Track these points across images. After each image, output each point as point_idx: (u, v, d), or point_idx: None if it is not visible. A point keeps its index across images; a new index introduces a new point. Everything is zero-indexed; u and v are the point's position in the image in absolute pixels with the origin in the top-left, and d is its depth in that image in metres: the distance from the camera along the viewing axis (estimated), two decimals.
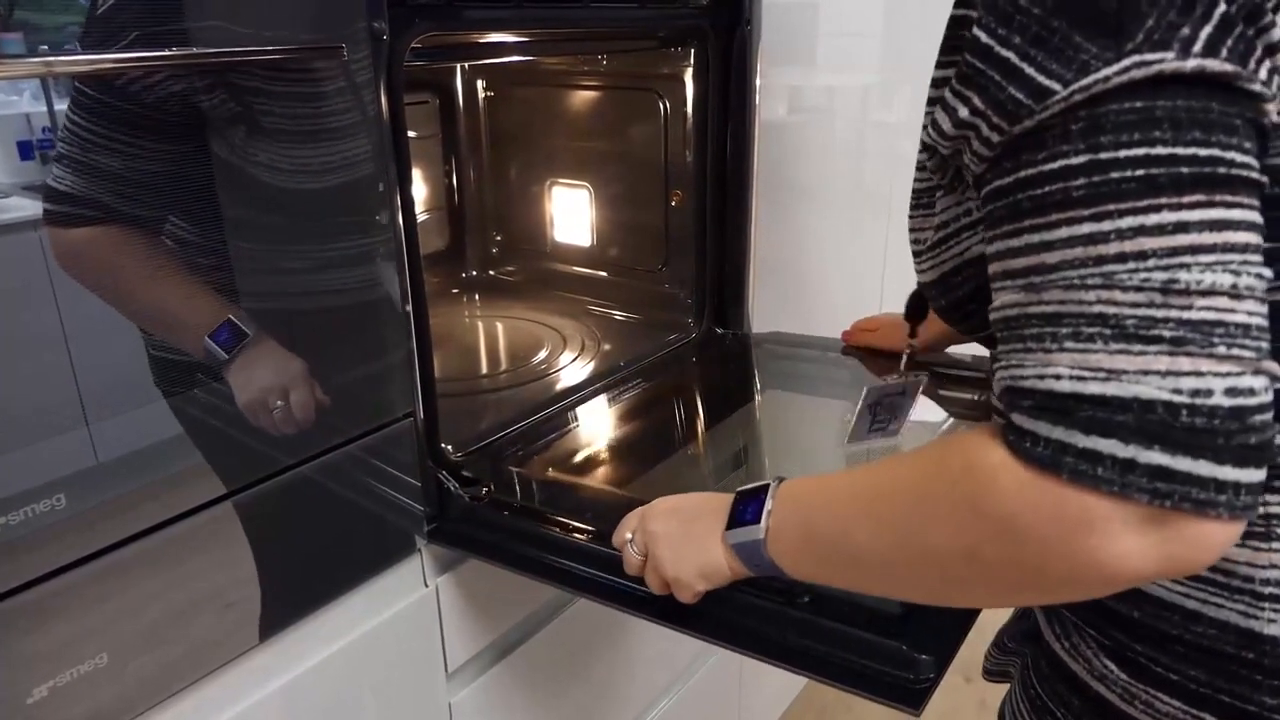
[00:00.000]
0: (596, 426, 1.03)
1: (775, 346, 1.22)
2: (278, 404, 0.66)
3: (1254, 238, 0.41)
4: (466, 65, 1.38)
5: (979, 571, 0.46)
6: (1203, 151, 0.40)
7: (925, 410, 0.99)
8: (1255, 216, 0.41)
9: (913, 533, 0.48)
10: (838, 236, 1.56)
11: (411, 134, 1.34)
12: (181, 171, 0.58)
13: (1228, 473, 0.39)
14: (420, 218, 1.42)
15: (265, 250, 0.64)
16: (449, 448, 0.85)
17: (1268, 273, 0.41)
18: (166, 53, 0.54)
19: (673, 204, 1.24)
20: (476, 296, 1.45)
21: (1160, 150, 0.40)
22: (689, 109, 1.16)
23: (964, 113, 0.46)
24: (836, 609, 0.65)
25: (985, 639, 0.74)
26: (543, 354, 1.19)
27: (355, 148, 0.68)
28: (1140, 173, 0.40)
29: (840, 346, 1.16)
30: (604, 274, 1.39)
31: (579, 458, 0.96)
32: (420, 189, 1.41)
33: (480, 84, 1.41)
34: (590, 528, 0.77)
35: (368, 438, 0.74)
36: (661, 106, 1.20)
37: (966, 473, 0.45)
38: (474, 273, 1.51)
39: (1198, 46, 0.39)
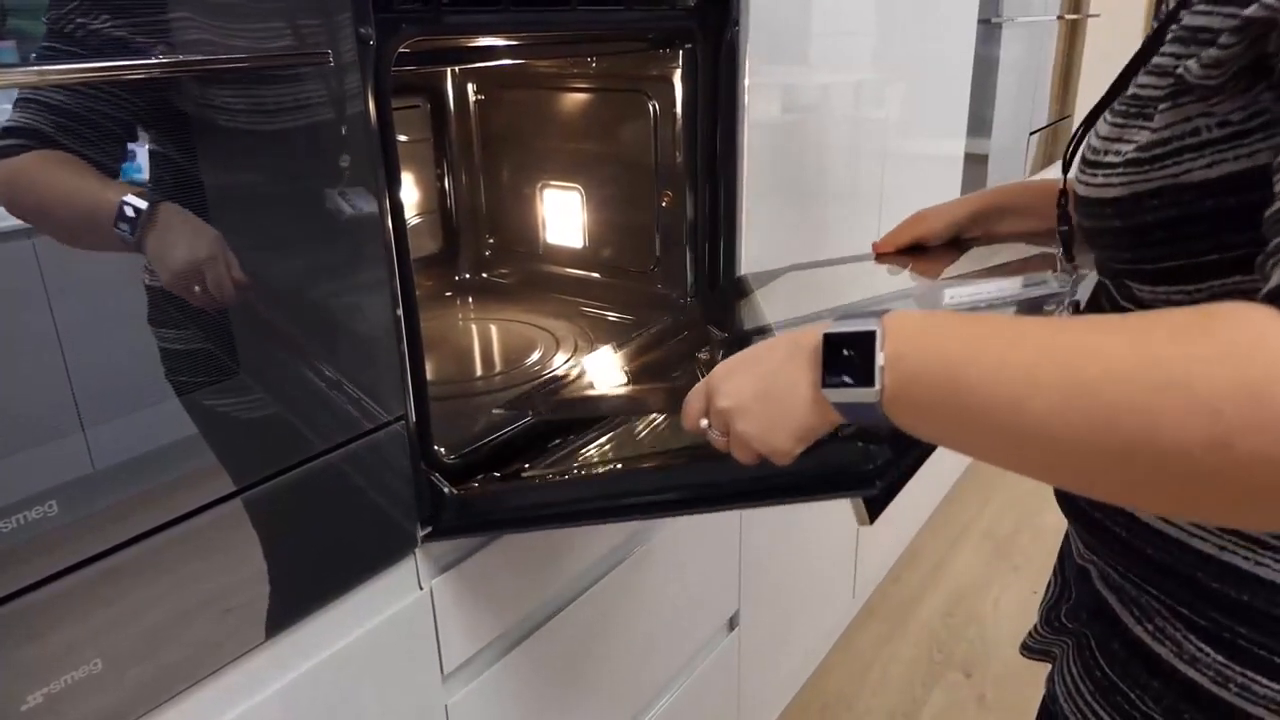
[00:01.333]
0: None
1: (797, 273, 1.15)
2: (195, 287, 0.61)
3: None
4: (457, 69, 1.38)
5: (1210, 467, 0.38)
6: None
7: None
8: None
9: (1138, 412, 0.39)
10: (830, 234, 1.56)
11: (403, 138, 1.35)
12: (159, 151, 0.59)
13: None
14: (413, 221, 1.42)
15: (252, 253, 0.65)
16: (442, 450, 0.86)
17: None
18: (152, 61, 0.55)
19: (663, 204, 1.24)
20: (470, 299, 1.46)
21: None
22: (678, 110, 1.16)
23: None
24: None
25: (986, 639, 0.74)
26: (536, 355, 1.20)
27: (343, 149, 0.68)
28: None
29: (871, 257, 1.05)
30: (596, 275, 1.39)
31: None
32: (412, 193, 1.42)
33: (471, 87, 1.41)
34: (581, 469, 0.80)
35: (359, 441, 0.74)
36: (651, 108, 1.20)
37: (1258, 350, 0.37)
38: (467, 275, 1.51)
39: None
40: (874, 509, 0.64)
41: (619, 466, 0.85)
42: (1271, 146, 0.44)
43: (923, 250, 1.00)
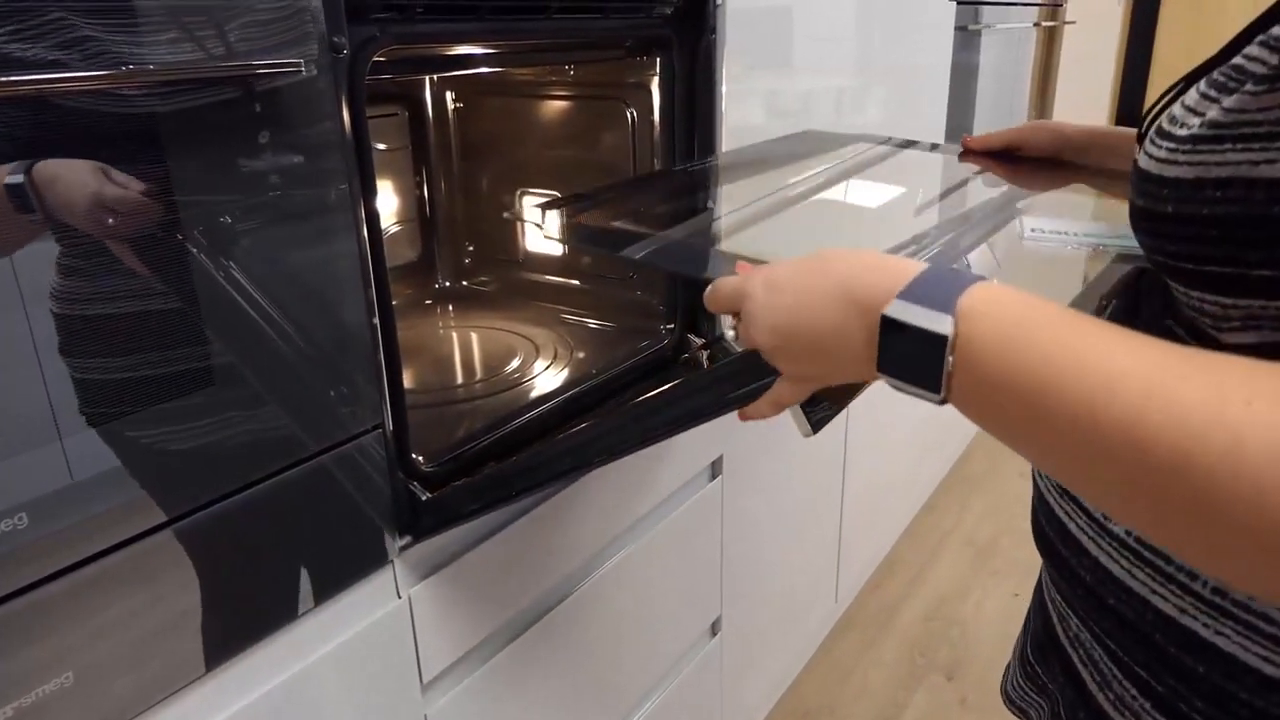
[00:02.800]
0: None
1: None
2: (108, 220, 0.57)
3: None
4: (435, 77, 1.38)
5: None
6: None
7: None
8: None
9: (1234, 504, 0.33)
10: (811, 238, 1.56)
11: (381, 146, 1.35)
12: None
13: None
14: (392, 230, 1.42)
15: (224, 264, 0.64)
16: (420, 458, 0.86)
17: None
18: (118, 70, 0.54)
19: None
20: (450, 307, 1.46)
21: None
22: (656, 117, 1.16)
23: None
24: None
25: (968, 641, 0.73)
26: (515, 362, 1.20)
27: (317, 158, 0.68)
28: None
29: (957, 151, 0.97)
30: (576, 282, 1.39)
31: None
32: (391, 201, 1.41)
33: (449, 95, 1.41)
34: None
35: (335, 450, 0.74)
36: (629, 115, 1.20)
37: None
38: (447, 283, 1.51)
39: None
40: (816, 419, 0.61)
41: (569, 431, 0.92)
42: None
43: (1012, 162, 0.93)
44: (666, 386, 1.05)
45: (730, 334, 0.55)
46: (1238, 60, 0.45)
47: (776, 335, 0.51)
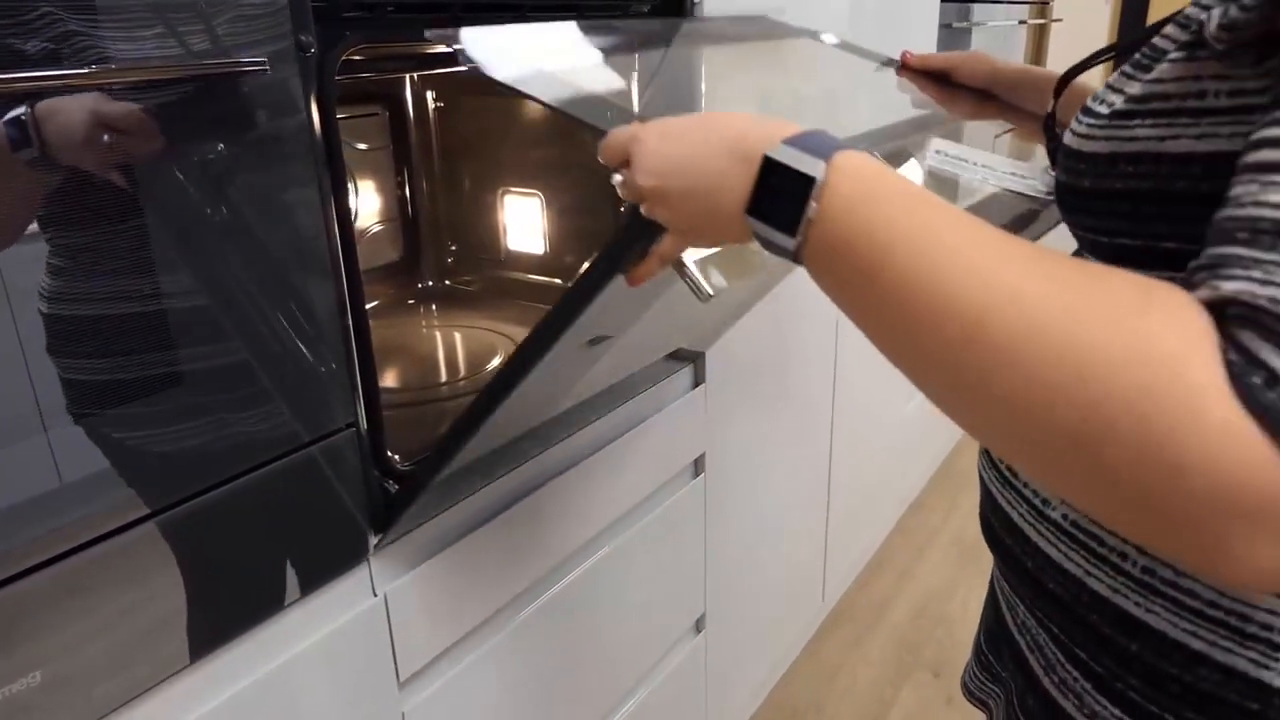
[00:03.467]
0: None
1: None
2: (103, 138, 0.57)
3: None
4: (415, 76, 1.38)
5: (1068, 450, 0.34)
6: None
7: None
8: None
9: (1037, 370, 0.34)
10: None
11: (362, 146, 1.35)
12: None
13: None
14: (374, 229, 1.42)
15: (195, 267, 0.64)
16: (396, 456, 0.85)
17: None
18: (83, 70, 0.54)
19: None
20: (433, 306, 1.46)
21: None
22: (637, 114, 1.16)
23: None
24: None
25: (955, 639, 0.73)
26: (497, 360, 1.20)
27: (285, 159, 0.68)
28: None
29: (895, 65, 1.00)
30: (559, 281, 1.39)
31: None
32: (373, 201, 1.41)
33: (430, 94, 1.41)
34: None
35: (307, 449, 0.74)
36: (610, 113, 1.20)
37: (1165, 373, 0.32)
38: (430, 283, 1.51)
39: None
40: (713, 281, 0.62)
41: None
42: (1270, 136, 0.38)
43: (947, 88, 0.97)
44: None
45: (618, 179, 0.56)
46: (1156, 40, 0.47)
47: (659, 178, 0.51)
